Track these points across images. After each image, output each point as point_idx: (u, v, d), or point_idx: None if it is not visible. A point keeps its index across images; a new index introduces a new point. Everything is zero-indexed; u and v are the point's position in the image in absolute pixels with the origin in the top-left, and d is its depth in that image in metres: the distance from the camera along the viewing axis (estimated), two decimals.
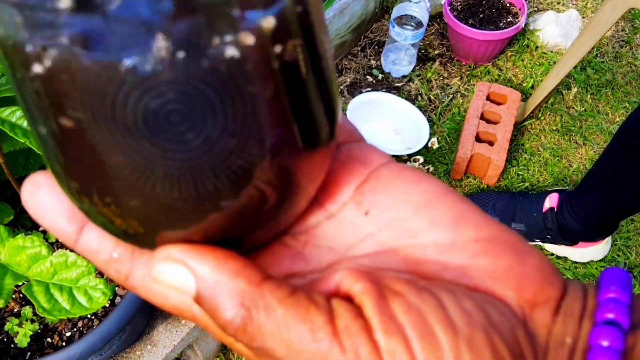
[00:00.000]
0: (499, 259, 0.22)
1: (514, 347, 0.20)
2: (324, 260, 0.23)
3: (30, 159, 0.80)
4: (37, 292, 0.56)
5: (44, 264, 0.56)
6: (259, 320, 0.20)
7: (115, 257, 0.23)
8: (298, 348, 0.19)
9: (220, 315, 0.20)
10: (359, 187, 0.24)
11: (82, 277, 0.56)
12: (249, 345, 0.20)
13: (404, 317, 0.19)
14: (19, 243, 0.57)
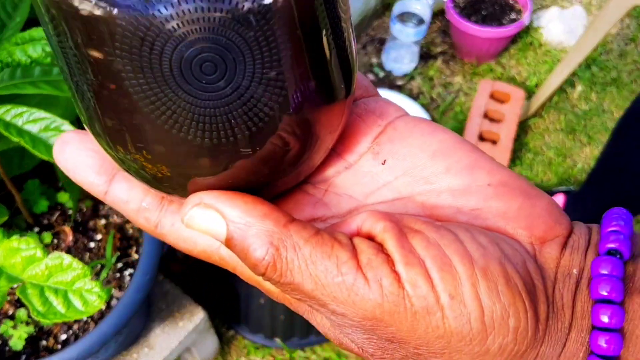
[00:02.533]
0: (511, 201, 0.23)
1: (525, 277, 0.22)
2: (344, 207, 0.25)
3: (24, 159, 0.79)
4: (31, 295, 0.55)
5: (39, 266, 0.55)
6: (287, 257, 0.21)
7: (144, 207, 0.25)
8: (324, 282, 0.21)
9: (251, 255, 0.21)
10: (376, 138, 0.26)
11: (77, 280, 0.55)
12: (278, 281, 0.22)
13: (423, 251, 0.21)
14: (13, 245, 0.56)
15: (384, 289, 0.21)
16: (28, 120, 0.62)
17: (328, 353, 1.14)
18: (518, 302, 0.21)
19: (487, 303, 0.21)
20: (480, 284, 0.21)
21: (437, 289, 0.21)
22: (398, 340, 0.22)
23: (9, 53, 0.58)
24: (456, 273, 0.21)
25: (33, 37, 0.59)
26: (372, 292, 0.21)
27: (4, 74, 0.64)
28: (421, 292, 0.21)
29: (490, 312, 0.21)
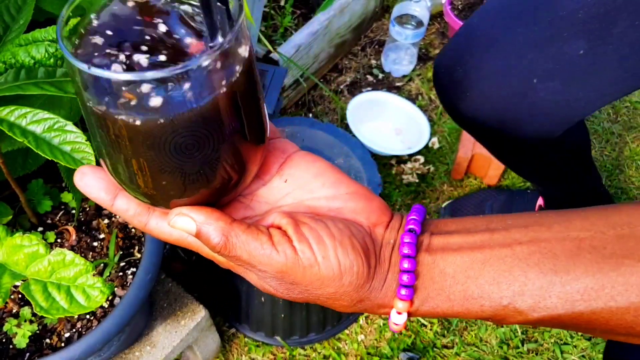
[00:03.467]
0: (358, 202, 0.40)
1: (363, 244, 0.39)
2: (263, 209, 0.41)
3: (28, 159, 0.80)
4: (34, 290, 0.56)
5: (42, 262, 0.56)
6: (232, 241, 0.36)
7: (138, 213, 0.39)
8: (254, 254, 0.36)
9: (211, 242, 0.36)
10: (280, 166, 0.41)
11: (80, 275, 0.56)
12: (227, 255, 0.37)
13: (308, 233, 0.37)
14: (16, 242, 0.57)
15: (287, 255, 0.37)
16: (32, 121, 0.63)
17: (328, 351, 1.15)
18: (358, 258, 0.38)
19: (342, 259, 0.37)
20: (338, 249, 0.37)
21: (315, 254, 0.37)
22: (296, 283, 0.38)
23: (12, 54, 0.59)
24: (325, 244, 0.37)
25: (36, 38, 0.60)
26: (280, 257, 0.37)
27: (8, 75, 0.65)
28: (307, 256, 0.37)
29: (343, 264, 0.37)
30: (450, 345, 1.18)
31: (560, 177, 1.05)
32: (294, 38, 1.35)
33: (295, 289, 0.38)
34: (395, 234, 0.40)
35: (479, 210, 1.28)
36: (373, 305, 0.40)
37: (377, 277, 0.39)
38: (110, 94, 0.30)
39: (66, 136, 0.63)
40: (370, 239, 0.39)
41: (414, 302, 0.39)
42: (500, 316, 0.38)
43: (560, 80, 0.73)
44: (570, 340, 1.19)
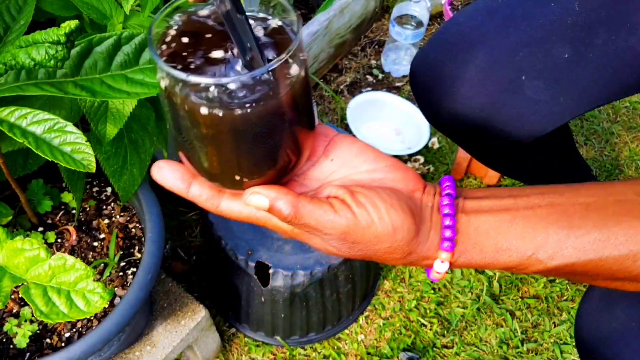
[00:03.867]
0: (396, 173, 0.47)
1: (409, 206, 0.46)
2: (315, 186, 0.48)
3: (29, 159, 0.80)
4: (34, 295, 0.56)
5: (43, 266, 0.56)
6: (301, 211, 0.43)
7: (210, 197, 0.45)
8: (320, 219, 0.43)
9: (283, 213, 0.43)
10: (326, 147, 0.48)
11: (80, 280, 0.56)
12: (297, 224, 0.43)
13: (363, 199, 0.44)
14: (17, 245, 0.57)
15: (348, 219, 0.43)
16: (32, 122, 0.63)
17: (328, 351, 1.15)
18: (407, 217, 0.45)
19: (394, 219, 0.44)
20: (390, 210, 0.44)
21: (371, 215, 0.44)
22: (357, 242, 0.45)
23: (13, 56, 0.59)
24: (379, 207, 0.44)
25: (37, 40, 0.60)
26: (343, 221, 0.43)
27: (8, 76, 0.65)
28: (364, 218, 0.44)
29: (395, 222, 0.44)
30: (450, 345, 1.18)
31: (548, 175, 1.05)
32: None
33: (356, 247, 0.45)
34: (432, 198, 0.48)
35: None
36: (419, 258, 0.47)
37: (421, 233, 0.46)
38: (203, 95, 0.37)
39: (66, 137, 0.63)
40: (412, 202, 0.46)
41: (454, 254, 0.47)
42: (523, 265, 0.47)
43: (544, 80, 0.74)
44: (569, 340, 1.19)
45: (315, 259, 0.95)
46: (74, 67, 0.65)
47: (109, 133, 0.74)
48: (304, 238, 0.47)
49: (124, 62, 0.66)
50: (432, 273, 0.49)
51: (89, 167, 0.62)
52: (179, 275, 1.23)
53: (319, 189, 0.47)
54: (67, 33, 0.57)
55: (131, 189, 0.82)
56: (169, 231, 1.27)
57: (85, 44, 0.65)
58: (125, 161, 0.80)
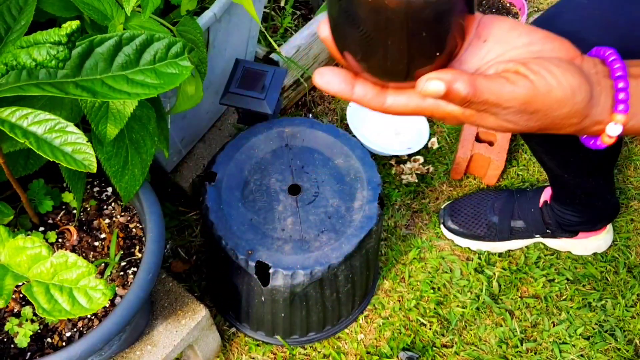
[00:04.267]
0: (553, 43, 0.47)
1: (580, 70, 0.46)
2: (474, 68, 0.47)
3: (30, 159, 0.81)
4: (37, 292, 0.56)
5: (44, 264, 0.56)
6: (479, 88, 0.42)
7: (375, 95, 0.45)
8: (498, 93, 0.43)
9: (461, 93, 0.42)
10: (476, 30, 0.47)
11: (82, 277, 0.56)
12: (476, 102, 0.43)
13: (537, 67, 0.44)
14: (19, 244, 0.57)
15: (527, 87, 0.43)
16: (33, 122, 0.63)
17: (328, 350, 1.16)
18: (582, 78, 0.45)
19: (571, 81, 0.44)
20: (566, 74, 0.44)
21: (549, 81, 0.44)
22: (536, 111, 0.45)
23: (14, 56, 0.60)
24: (554, 72, 0.44)
25: (38, 40, 0.60)
26: (522, 90, 0.43)
27: (9, 77, 0.65)
28: (542, 84, 0.44)
29: (573, 85, 0.44)
30: (450, 345, 1.18)
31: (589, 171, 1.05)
32: (294, 39, 1.35)
33: (534, 117, 0.46)
34: (592, 64, 0.48)
35: (479, 210, 1.28)
36: (592, 123, 0.48)
37: (594, 97, 0.47)
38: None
39: (67, 137, 0.63)
40: (575, 65, 0.47)
41: (627, 116, 0.47)
42: None
43: None
44: (569, 340, 1.19)
45: (315, 259, 0.95)
46: (75, 68, 0.66)
47: (109, 133, 0.74)
48: (475, 120, 0.46)
49: (125, 63, 0.67)
50: (602, 139, 0.49)
51: (90, 167, 0.63)
52: (180, 275, 1.23)
53: (477, 71, 0.46)
54: (69, 33, 0.57)
55: (133, 189, 0.82)
56: (170, 231, 1.27)
57: (86, 45, 0.65)
58: (127, 161, 0.80)
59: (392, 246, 1.29)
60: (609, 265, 1.28)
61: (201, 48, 0.86)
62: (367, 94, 0.45)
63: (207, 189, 1.01)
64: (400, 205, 1.35)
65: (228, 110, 1.35)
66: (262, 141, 1.07)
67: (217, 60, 1.12)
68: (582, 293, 1.25)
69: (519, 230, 1.26)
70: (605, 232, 1.26)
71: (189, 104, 0.87)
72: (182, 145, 1.24)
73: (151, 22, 0.78)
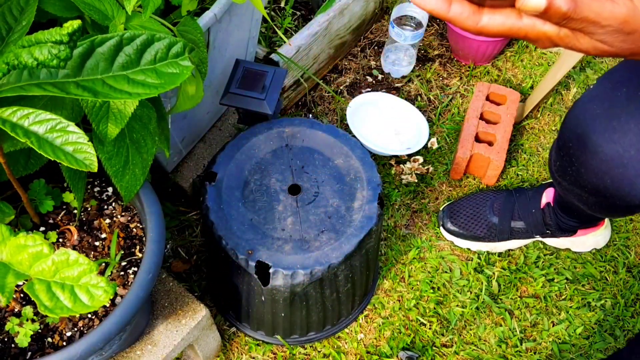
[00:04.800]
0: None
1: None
2: None
3: (30, 159, 0.81)
4: (39, 290, 0.56)
5: (46, 262, 0.56)
6: (579, 4, 0.43)
7: (471, 14, 0.46)
8: (599, 11, 0.44)
9: (561, 9, 0.43)
10: None
11: (83, 275, 0.56)
12: (575, 19, 0.44)
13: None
14: (20, 242, 0.57)
15: (627, 6, 0.44)
16: (34, 122, 0.63)
17: (328, 350, 1.16)
18: None
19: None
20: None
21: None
22: (633, 32, 0.45)
23: (15, 56, 0.60)
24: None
25: (39, 40, 0.60)
26: (622, 9, 0.44)
27: (11, 76, 0.65)
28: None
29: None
30: (449, 344, 1.19)
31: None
32: (294, 39, 1.35)
33: (630, 39, 0.47)
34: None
35: (478, 211, 1.28)
36: None
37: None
38: None
39: (68, 137, 0.63)
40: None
41: None
42: None
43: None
44: (568, 339, 1.19)
45: (315, 259, 0.95)
46: (76, 68, 0.66)
47: (110, 133, 0.75)
48: (569, 41, 0.47)
49: (126, 63, 0.67)
50: None
51: (91, 167, 0.63)
52: (180, 275, 1.23)
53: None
54: (70, 33, 0.57)
55: (134, 188, 0.83)
56: (170, 231, 1.27)
57: (87, 45, 0.66)
58: (128, 161, 0.81)
59: (392, 246, 1.29)
60: (608, 265, 1.28)
61: (202, 48, 0.86)
62: (463, 12, 0.46)
63: (208, 189, 1.01)
64: (400, 205, 1.35)
65: (228, 111, 1.35)
66: (262, 141, 1.07)
67: (217, 61, 1.13)
68: (582, 293, 1.25)
69: (519, 231, 1.26)
70: (603, 228, 1.27)
71: (189, 104, 0.88)
72: (183, 145, 1.24)
73: (152, 22, 0.79)
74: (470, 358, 1.17)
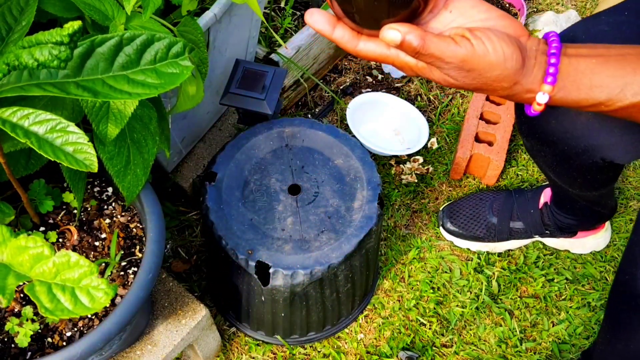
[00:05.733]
0: (505, 21, 0.56)
1: (518, 43, 0.55)
2: (437, 31, 0.56)
3: (31, 159, 0.81)
4: (39, 292, 0.56)
5: (47, 264, 0.56)
6: (427, 43, 0.52)
7: (351, 38, 0.56)
8: (444, 50, 0.53)
9: (412, 45, 0.52)
10: (445, 1, 0.56)
11: (84, 277, 0.56)
12: (423, 54, 0.53)
13: (480, 34, 0.53)
14: (21, 243, 0.57)
15: (467, 48, 0.53)
16: (34, 122, 0.63)
17: (328, 350, 1.16)
18: (516, 49, 0.54)
19: (505, 49, 0.53)
20: (502, 43, 0.53)
21: (487, 46, 0.53)
22: (472, 69, 0.54)
23: (15, 56, 0.60)
24: (493, 40, 0.53)
25: (39, 40, 0.60)
26: (462, 50, 0.53)
27: (11, 77, 0.65)
28: (481, 48, 0.53)
29: (506, 52, 0.53)
30: (449, 344, 1.19)
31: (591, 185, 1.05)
32: (294, 39, 1.35)
33: (470, 75, 0.54)
34: (535, 43, 0.57)
35: (478, 211, 1.28)
36: (522, 90, 0.56)
37: (527, 67, 0.55)
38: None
39: (68, 137, 0.63)
40: (519, 42, 0.55)
41: (554, 87, 0.56)
42: (612, 101, 0.57)
43: None
44: (568, 339, 1.20)
45: (315, 259, 0.95)
46: (76, 68, 0.66)
47: (110, 133, 0.75)
48: (425, 71, 0.56)
49: (126, 63, 0.67)
50: (533, 106, 0.58)
51: (91, 167, 0.63)
52: (180, 275, 1.23)
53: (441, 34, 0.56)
54: (70, 33, 0.57)
55: (135, 189, 0.83)
56: (170, 231, 1.27)
57: (87, 45, 0.66)
58: (129, 161, 0.81)
59: (392, 246, 1.29)
60: (608, 265, 1.28)
61: (202, 48, 0.86)
62: (344, 36, 0.55)
63: (208, 189, 1.01)
64: (400, 205, 1.35)
65: (228, 111, 1.35)
66: (262, 141, 1.07)
67: (217, 61, 1.13)
68: (582, 293, 1.25)
69: (518, 231, 1.26)
70: (603, 231, 1.27)
71: (189, 104, 0.88)
72: (183, 145, 1.24)
73: (152, 23, 0.79)
74: (470, 358, 1.17)
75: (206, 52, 0.87)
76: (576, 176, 0.97)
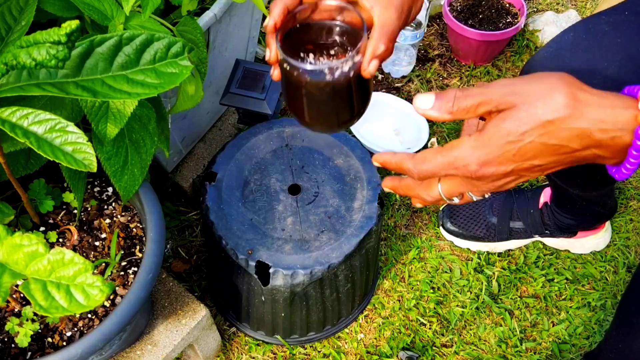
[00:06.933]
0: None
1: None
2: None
3: (30, 159, 0.81)
4: (34, 290, 0.56)
5: (41, 262, 0.56)
6: (450, 108, 0.53)
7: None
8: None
9: (435, 117, 0.54)
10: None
11: (79, 274, 0.56)
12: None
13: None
14: (16, 241, 0.57)
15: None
16: (34, 122, 0.63)
17: (328, 350, 1.16)
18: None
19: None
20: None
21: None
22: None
23: (14, 56, 0.60)
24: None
25: (38, 40, 0.61)
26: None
27: (10, 77, 0.65)
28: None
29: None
30: (450, 344, 1.19)
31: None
32: None
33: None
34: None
35: (478, 211, 1.28)
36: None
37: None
38: (306, 72, 0.57)
39: (67, 137, 0.63)
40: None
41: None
42: None
43: None
44: (568, 339, 1.19)
45: (315, 259, 0.95)
46: (75, 68, 0.66)
47: (109, 133, 0.75)
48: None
49: (125, 63, 0.67)
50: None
51: (90, 167, 0.63)
52: (180, 275, 1.23)
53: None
54: (68, 33, 0.58)
55: (132, 188, 0.83)
56: (170, 231, 1.27)
57: (86, 45, 0.66)
58: (126, 161, 0.81)
59: (392, 246, 1.29)
60: (608, 265, 1.28)
61: (201, 48, 0.86)
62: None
63: (208, 188, 1.01)
64: (400, 205, 1.35)
65: (228, 111, 1.35)
66: (262, 141, 1.07)
67: (217, 61, 1.13)
68: (582, 293, 1.25)
69: (518, 231, 1.26)
70: (603, 231, 1.27)
71: (189, 104, 0.88)
72: (183, 145, 1.24)
73: (151, 22, 0.79)
74: (470, 358, 1.17)
75: (205, 51, 0.87)
76: (576, 176, 0.97)
